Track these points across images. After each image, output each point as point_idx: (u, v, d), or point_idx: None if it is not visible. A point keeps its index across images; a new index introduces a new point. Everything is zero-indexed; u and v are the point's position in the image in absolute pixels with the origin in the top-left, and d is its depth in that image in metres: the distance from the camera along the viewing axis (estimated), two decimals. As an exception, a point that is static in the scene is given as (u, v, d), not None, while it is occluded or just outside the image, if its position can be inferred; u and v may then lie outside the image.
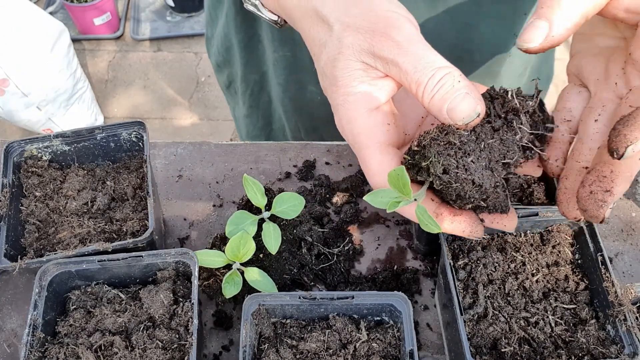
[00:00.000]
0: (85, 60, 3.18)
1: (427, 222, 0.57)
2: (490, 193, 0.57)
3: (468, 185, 0.55)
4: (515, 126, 0.57)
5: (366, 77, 0.60)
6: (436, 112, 0.56)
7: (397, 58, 0.56)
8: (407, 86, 0.58)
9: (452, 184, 0.55)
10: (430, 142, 0.56)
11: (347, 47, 0.59)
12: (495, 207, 0.60)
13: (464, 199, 0.57)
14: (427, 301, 0.84)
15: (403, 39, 0.57)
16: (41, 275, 0.70)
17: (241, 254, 0.74)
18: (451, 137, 0.55)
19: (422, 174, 0.58)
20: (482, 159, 0.56)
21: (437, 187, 0.56)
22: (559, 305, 0.71)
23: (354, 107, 0.60)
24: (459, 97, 0.54)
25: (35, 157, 0.84)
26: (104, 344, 0.68)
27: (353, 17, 0.59)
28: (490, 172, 0.56)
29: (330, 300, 0.69)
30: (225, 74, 1.27)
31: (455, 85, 0.55)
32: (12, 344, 0.79)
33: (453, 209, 0.61)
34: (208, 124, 2.97)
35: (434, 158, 0.55)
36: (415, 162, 0.59)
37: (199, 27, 3.30)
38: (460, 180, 0.55)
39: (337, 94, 0.61)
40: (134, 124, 0.84)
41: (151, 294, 0.71)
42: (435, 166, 0.55)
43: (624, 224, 0.91)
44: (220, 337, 0.81)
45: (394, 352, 0.68)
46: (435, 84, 0.55)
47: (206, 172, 0.98)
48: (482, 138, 0.56)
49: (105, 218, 0.81)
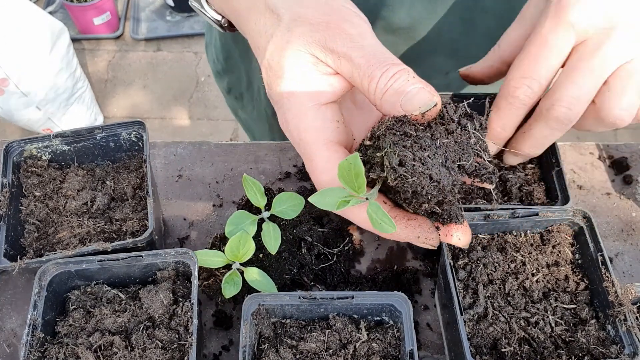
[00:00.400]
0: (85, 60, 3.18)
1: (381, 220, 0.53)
2: (448, 193, 0.53)
3: (425, 180, 0.51)
4: (470, 130, 0.55)
5: (315, 71, 0.56)
6: (389, 107, 0.53)
7: (350, 51, 0.54)
8: (358, 82, 0.55)
9: (409, 178, 0.51)
10: (385, 132, 0.52)
11: (297, 36, 0.56)
12: (450, 215, 0.57)
13: (420, 197, 0.53)
14: (427, 301, 0.84)
15: (357, 33, 0.55)
16: (41, 275, 0.70)
17: (241, 254, 0.74)
18: (407, 128, 0.52)
19: (375, 170, 0.54)
20: (438, 156, 0.52)
21: (392, 182, 0.52)
22: (559, 305, 0.70)
23: (300, 101, 0.57)
24: (414, 89, 0.52)
25: (35, 156, 0.84)
26: (103, 344, 0.68)
27: (305, 8, 0.57)
28: (447, 170, 0.53)
29: (330, 300, 0.69)
30: (226, 81, 1.27)
31: (409, 79, 0.53)
32: (12, 344, 0.79)
33: (407, 213, 0.58)
34: (208, 124, 2.97)
35: (389, 148, 0.51)
36: (367, 159, 0.55)
37: (198, 26, 3.30)
38: (417, 174, 0.51)
39: (283, 86, 0.57)
40: (133, 124, 0.84)
41: (151, 294, 0.71)
42: (390, 157, 0.51)
43: (624, 224, 0.91)
44: (220, 337, 0.81)
45: (394, 352, 0.68)
46: (389, 78, 0.53)
47: (206, 172, 0.98)
48: (437, 136, 0.53)
49: (104, 218, 0.81)
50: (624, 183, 0.95)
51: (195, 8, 0.75)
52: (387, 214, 0.53)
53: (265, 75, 0.60)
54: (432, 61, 0.98)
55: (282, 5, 0.58)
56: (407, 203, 0.55)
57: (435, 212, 0.56)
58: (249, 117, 1.33)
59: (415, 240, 0.57)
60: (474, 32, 0.93)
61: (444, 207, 0.56)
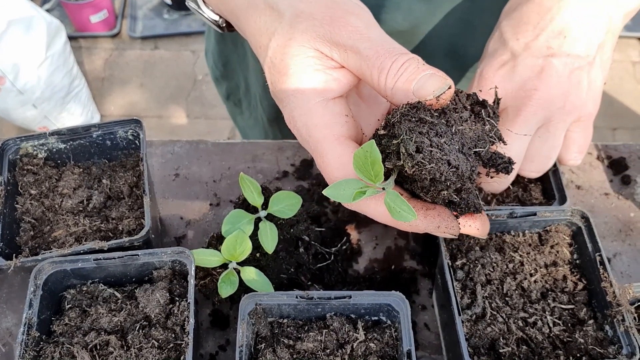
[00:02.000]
0: (82, 58, 3.17)
1: (400, 209, 0.51)
2: (466, 180, 0.52)
3: (444, 166, 0.49)
4: (484, 117, 0.54)
5: (321, 66, 0.56)
6: (401, 96, 0.53)
7: (357, 44, 0.53)
8: (367, 74, 0.54)
9: (426, 164, 0.49)
10: (400, 119, 0.51)
11: (300, 32, 0.55)
12: (468, 204, 0.56)
13: (439, 184, 0.51)
14: (425, 301, 0.84)
15: (362, 26, 0.55)
16: (36, 274, 0.69)
17: (237, 253, 0.74)
18: (422, 114, 0.51)
19: (391, 159, 0.52)
20: (455, 142, 0.51)
21: (410, 169, 0.50)
22: (557, 306, 0.70)
23: (307, 97, 0.56)
24: (426, 76, 0.52)
25: (31, 154, 0.83)
26: (99, 343, 0.67)
27: (307, 4, 0.56)
28: (464, 156, 0.52)
29: (327, 299, 0.69)
30: (224, 87, 1.27)
31: (420, 67, 0.52)
32: (7, 343, 0.79)
33: (425, 203, 0.56)
34: (205, 123, 2.96)
35: (406, 135, 0.49)
36: (382, 149, 0.53)
37: (196, 25, 3.29)
38: (435, 160, 0.49)
39: (288, 83, 0.56)
40: (130, 122, 0.84)
41: (147, 293, 0.70)
42: (407, 144, 0.49)
43: (622, 224, 0.91)
44: (217, 337, 0.80)
45: (391, 352, 0.68)
46: (399, 67, 0.52)
47: (203, 170, 0.97)
48: (452, 123, 0.52)
49: (101, 216, 0.80)
50: (622, 183, 0.95)
51: (192, 9, 0.74)
52: (406, 202, 0.51)
53: (268, 74, 0.59)
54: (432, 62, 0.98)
55: (283, 2, 0.57)
56: (425, 192, 0.54)
57: (452, 201, 0.55)
58: (246, 124, 1.33)
59: (435, 230, 0.56)
60: (473, 31, 0.93)
61: (462, 195, 0.55)
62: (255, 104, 1.19)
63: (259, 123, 1.24)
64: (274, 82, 0.58)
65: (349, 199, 0.52)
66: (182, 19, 3.34)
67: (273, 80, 0.59)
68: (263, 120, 1.21)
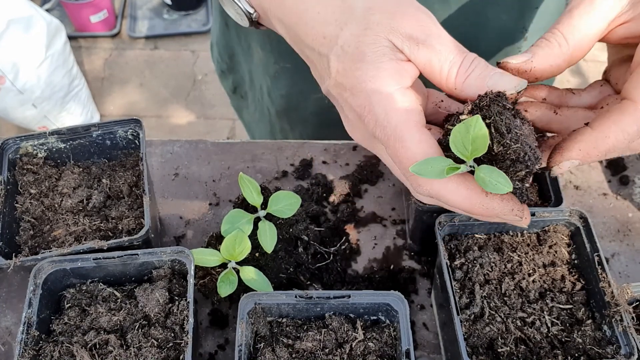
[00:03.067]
0: (82, 58, 3.17)
1: (497, 181, 0.52)
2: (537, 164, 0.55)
3: (527, 147, 0.53)
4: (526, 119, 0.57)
5: (394, 56, 0.57)
6: (472, 90, 0.56)
7: (429, 39, 0.56)
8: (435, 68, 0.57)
9: (512, 144, 0.53)
10: (489, 103, 0.55)
11: (375, 23, 0.57)
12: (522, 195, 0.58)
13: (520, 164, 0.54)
14: (423, 301, 0.84)
15: (432, 23, 0.57)
16: (36, 273, 0.70)
17: (236, 252, 0.74)
18: (505, 102, 0.55)
19: None
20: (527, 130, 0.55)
21: (497, 149, 0.54)
22: (555, 306, 0.71)
23: (387, 83, 0.57)
24: (498, 74, 0.56)
25: (31, 154, 0.83)
26: (98, 342, 0.67)
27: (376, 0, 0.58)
28: None
29: (326, 299, 0.69)
30: (231, 80, 1.26)
31: (487, 66, 0.56)
32: (7, 342, 0.79)
33: None
34: (205, 123, 2.96)
35: (497, 116, 0.54)
36: None
37: (196, 25, 3.30)
38: (520, 141, 0.53)
39: (365, 70, 0.57)
40: (130, 122, 0.84)
41: (146, 292, 0.71)
42: (499, 124, 0.53)
43: (620, 225, 0.91)
44: (216, 336, 0.81)
45: (390, 352, 0.68)
46: (470, 63, 0.56)
47: (202, 170, 0.98)
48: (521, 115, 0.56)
49: (100, 216, 0.80)
50: (621, 184, 0.96)
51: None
52: (503, 173, 0.53)
53: (336, 62, 0.60)
54: None
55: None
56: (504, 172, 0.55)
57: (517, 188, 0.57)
58: (251, 118, 1.32)
59: (509, 212, 0.56)
60: (486, 25, 0.92)
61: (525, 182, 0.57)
62: (261, 96, 1.19)
63: (265, 116, 1.24)
64: (346, 69, 0.59)
65: (441, 174, 0.53)
66: (182, 19, 3.34)
67: (344, 69, 0.59)
68: (270, 113, 1.20)
